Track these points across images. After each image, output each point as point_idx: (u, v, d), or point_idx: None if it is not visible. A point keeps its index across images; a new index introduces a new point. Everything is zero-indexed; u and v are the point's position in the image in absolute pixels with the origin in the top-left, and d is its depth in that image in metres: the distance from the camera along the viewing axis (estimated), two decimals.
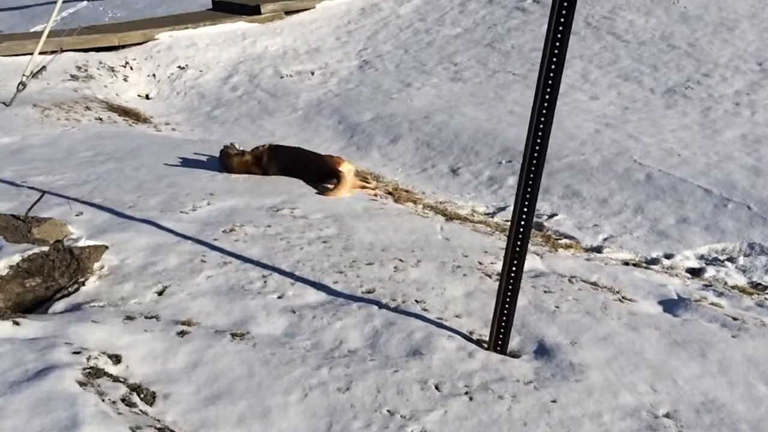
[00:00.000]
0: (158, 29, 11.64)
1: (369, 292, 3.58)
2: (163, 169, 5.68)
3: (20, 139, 6.84)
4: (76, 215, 4.46)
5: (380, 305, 3.42)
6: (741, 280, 4.37)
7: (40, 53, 8.49)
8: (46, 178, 5.41)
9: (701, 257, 4.72)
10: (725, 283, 4.27)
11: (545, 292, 3.66)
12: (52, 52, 9.05)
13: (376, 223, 4.58)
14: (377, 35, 11.61)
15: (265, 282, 3.66)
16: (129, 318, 3.18)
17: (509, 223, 4.50)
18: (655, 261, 4.59)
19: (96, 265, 3.69)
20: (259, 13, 12.48)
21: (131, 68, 10.69)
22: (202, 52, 11.20)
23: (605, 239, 5.03)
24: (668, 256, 4.68)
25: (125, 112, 8.85)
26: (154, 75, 10.64)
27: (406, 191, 5.84)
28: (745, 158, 5.90)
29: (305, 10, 12.96)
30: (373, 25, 12.09)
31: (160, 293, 3.51)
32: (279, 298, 3.50)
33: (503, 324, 2.99)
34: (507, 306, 2.95)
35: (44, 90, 9.06)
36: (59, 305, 3.36)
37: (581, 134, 6.83)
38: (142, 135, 7.51)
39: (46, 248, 3.49)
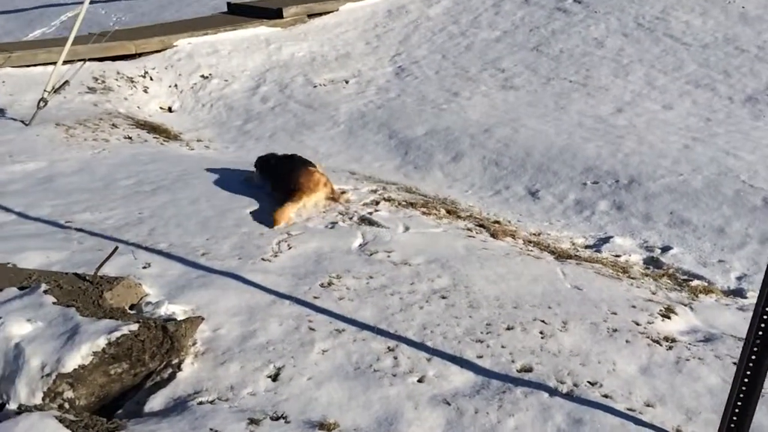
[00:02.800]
0: (176, 35, 10.93)
1: (526, 370, 2.95)
2: (222, 201, 5.02)
3: (48, 165, 6.15)
4: (144, 267, 3.80)
5: (549, 390, 2.79)
6: None
7: (64, 63, 7.78)
8: (92, 216, 4.74)
9: None
10: None
11: (735, 363, 3.04)
12: (68, 62, 8.32)
13: (492, 270, 3.95)
14: (409, 39, 10.96)
15: (395, 358, 3.02)
16: (253, 421, 2.54)
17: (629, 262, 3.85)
18: None
19: (188, 341, 3.04)
20: (281, 16, 11.80)
21: (151, 78, 9.99)
22: (225, 60, 10.51)
23: (739, 278, 4.42)
24: None
25: (153, 128, 8.15)
26: (175, 85, 9.94)
27: (497, 222, 5.20)
28: None
29: (328, 12, 12.29)
30: (403, 28, 11.44)
31: (275, 377, 2.87)
32: (420, 381, 2.86)
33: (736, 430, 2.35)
34: (743, 409, 2.32)
35: (62, 105, 8.35)
36: (157, 400, 2.71)
37: (670, 150, 6.22)
38: (180, 157, 6.83)
39: (135, 327, 2.83)
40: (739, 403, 2.31)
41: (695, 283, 4.28)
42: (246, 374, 2.88)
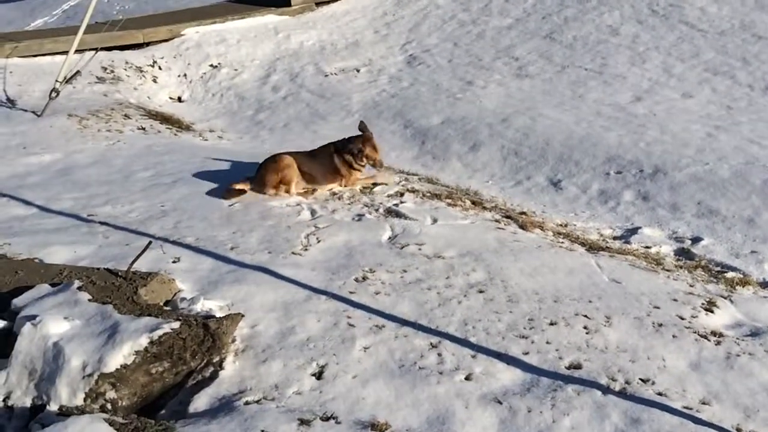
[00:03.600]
0: (184, 24, 10.80)
1: (575, 367, 2.89)
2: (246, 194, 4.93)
3: (64, 156, 6.07)
4: (173, 262, 3.73)
5: (601, 388, 2.73)
6: None
7: (74, 53, 7.67)
8: (114, 209, 4.67)
9: None
10: None
11: None
12: (78, 52, 8.19)
13: (526, 263, 3.88)
14: (419, 27, 10.83)
15: (439, 355, 2.96)
16: (304, 422, 2.47)
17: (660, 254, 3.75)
18: None
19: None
20: (289, 4, 11.66)
21: (160, 68, 9.87)
22: (234, 49, 10.38)
23: None
24: None
25: (165, 119, 8.05)
26: (185, 75, 9.83)
27: (523, 213, 5.13)
28: None
29: (336, 0, 12.14)
30: (413, 16, 11.31)
31: (319, 376, 2.80)
32: (467, 379, 2.80)
33: None
34: None
35: (71, 95, 8.24)
36: (201, 400, 2.65)
37: (693, 139, 6.14)
38: (194, 147, 6.75)
39: (176, 324, 2.76)
40: None
41: (731, 274, 4.21)
42: (289, 372, 2.81)
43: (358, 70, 9.59)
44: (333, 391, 2.70)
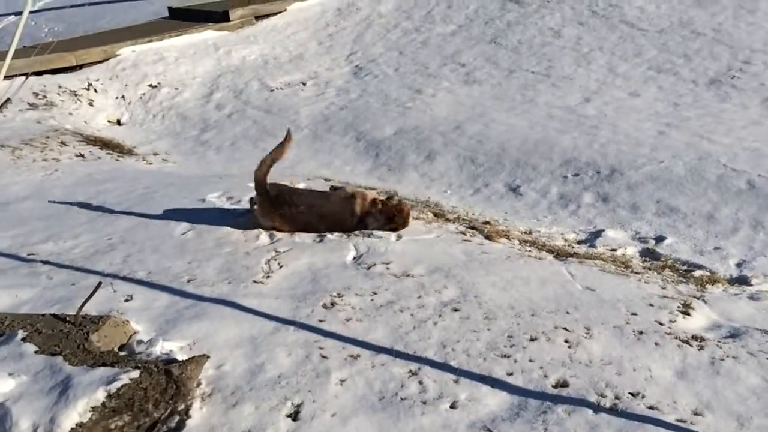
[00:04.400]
0: (118, 44, 10.43)
1: (562, 385, 2.77)
2: (196, 219, 4.69)
3: None
4: (126, 300, 3.47)
5: (591, 406, 2.61)
6: None
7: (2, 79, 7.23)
8: (56, 245, 4.35)
9: None
10: None
11: None
12: (7, 78, 7.75)
13: (498, 276, 3.77)
14: (363, 37, 10.73)
15: (420, 383, 2.80)
16: None
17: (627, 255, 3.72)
18: None
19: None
20: (227, 19, 11.40)
21: (95, 90, 9.47)
22: (173, 67, 10.06)
23: (739, 265, 4.37)
24: None
25: (105, 143, 7.70)
26: (123, 97, 9.46)
27: (487, 223, 5.03)
28: None
29: (276, 13, 11.95)
30: (355, 26, 11.20)
31: (295, 417, 2.60)
32: (452, 407, 2.64)
33: None
34: None
35: (2, 124, 7.82)
36: None
37: (646, 138, 6.18)
38: (138, 172, 6.44)
39: (135, 374, 2.52)
40: None
41: (698, 273, 4.20)
42: (263, 415, 2.61)
43: (304, 84, 9.41)
44: None
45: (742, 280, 4.15)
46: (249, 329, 3.19)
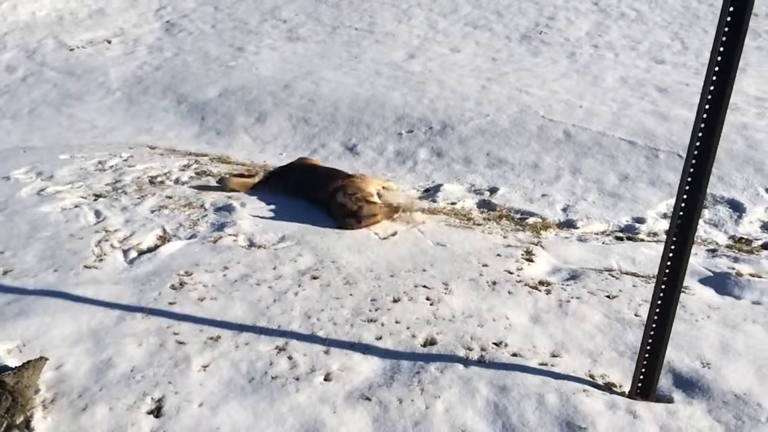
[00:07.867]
0: None
1: (430, 343, 2.80)
2: (3, 200, 4.12)
3: None
4: None
5: (461, 361, 2.67)
6: (721, 237, 4.32)
7: None
8: None
9: (664, 216, 4.61)
10: (716, 243, 4.18)
11: (608, 297, 3.20)
12: None
13: (351, 238, 3.72)
14: None
15: (289, 358, 2.69)
16: None
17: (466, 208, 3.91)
18: (631, 229, 4.37)
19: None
20: None
21: None
22: None
23: (564, 210, 4.70)
24: (639, 220, 4.49)
25: None
26: None
27: None
28: (642, 103, 5.96)
29: None
30: None
31: (158, 413, 2.38)
32: (327, 380, 2.57)
33: (652, 366, 2.44)
34: (656, 344, 2.40)
35: None
36: None
37: (470, 92, 6.42)
38: None
39: None
40: (650, 341, 2.39)
41: (532, 220, 4.46)
42: (120, 416, 2.35)
43: (109, 42, 8.58)
44: (179, 428, 2.31)
45: (570, 224, 4.48)
46: (88, 322, 2.86)
